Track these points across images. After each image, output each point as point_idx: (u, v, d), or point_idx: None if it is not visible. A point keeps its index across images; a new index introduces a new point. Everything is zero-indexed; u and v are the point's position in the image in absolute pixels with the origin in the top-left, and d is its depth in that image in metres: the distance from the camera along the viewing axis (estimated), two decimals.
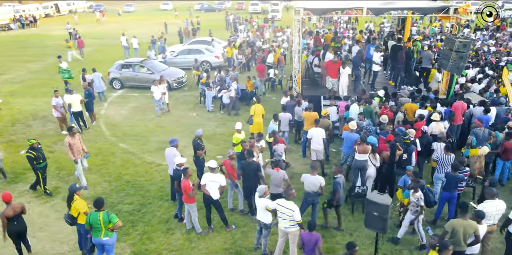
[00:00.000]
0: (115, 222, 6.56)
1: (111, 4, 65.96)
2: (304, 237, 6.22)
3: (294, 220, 6.69)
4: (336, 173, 8.04)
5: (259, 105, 12.44)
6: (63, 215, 7.37)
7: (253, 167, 8.21)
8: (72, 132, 9.66)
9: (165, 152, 8.98)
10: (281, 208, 6.72)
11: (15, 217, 7.22)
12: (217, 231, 8.32)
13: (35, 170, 9.63)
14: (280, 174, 8.01)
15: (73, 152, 9.61)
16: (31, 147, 9.44)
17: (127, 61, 19.33)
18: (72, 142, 9.59)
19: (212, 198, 7.90)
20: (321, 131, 9.69)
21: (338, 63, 13.03)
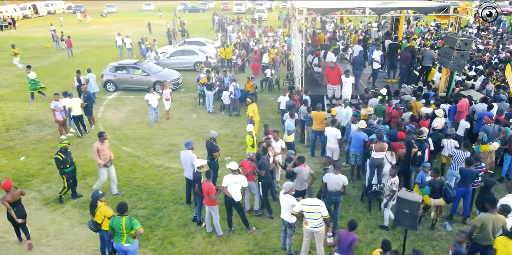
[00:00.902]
0: (137, 229, 6.43)
1: (91, 4, 64.75)
2: (341, 236, 6.24)
3: (322, 216, 6.71)
4: (326, 164, 8.27)
5: (254, 105, 12.61)
6: (87, 222, 7.16)
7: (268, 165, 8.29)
8: (102, 138, 9.31)
9: (181, 155, 8.85)
10: (308, 207, 6.73)
11: (14, 204, 7.67)
12: (238, 233, 8.26)
13: (61, 174, 9.30)
14: (307, 169, 8.08)
15: (101, 157, 9.29)
16: (61, 149, 9.15)
17: (121, 63, 18.98)
18: (101, 148, 9.24)
19: (234, 200, 7.84)
20: (336, 131, 9.73)
21: (337, 69, 12.84)
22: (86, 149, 12.36)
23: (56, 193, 9.88)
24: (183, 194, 9.71)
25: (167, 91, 14.56)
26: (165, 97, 14.53)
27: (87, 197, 9.66)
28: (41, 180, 10.56)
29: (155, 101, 13.95)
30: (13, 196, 7.64)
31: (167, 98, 14.54)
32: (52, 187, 10.21)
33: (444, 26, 29.97)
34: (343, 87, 12.58)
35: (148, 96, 13.88)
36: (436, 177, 7.74)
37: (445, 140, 9.61)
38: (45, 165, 11.39)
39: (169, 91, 14.62)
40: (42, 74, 21.71)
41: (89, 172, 10.89)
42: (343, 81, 12.54)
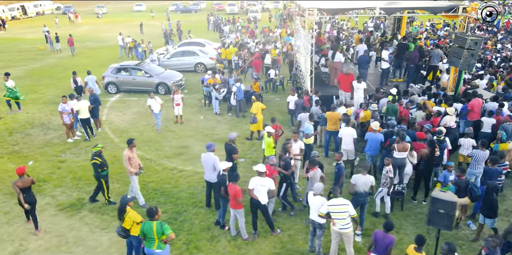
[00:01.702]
0: (168, 234, 6.29)
1: (80, 5, 63.90)
2: (377, 237, 6.20)
3: (350, 216, 6.68)
4: (338, 159, 8.33)
5: (259, 103, 12.63)
6: (116, 228, 6.97)
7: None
8: (132, 145, 8.93)
9: (202, 157, 8.71)
10: (335, 208, 6.69)
11: (24, 190, 8.05)
12: (262, 236, 8.17)
13: (98, 178, 9.10)
14: (319, 172, 8.09)
15: (132, 166, 8.89)
16: (96, 153, 9.00)
17: (122, 65, 18.69)
18: (131, 155, 8.86)
19: (260, 203, 7.75)
20: (352, 131, 9.72)
21: (351, 76, 12.69)
22: None
23: (70, 198, 9.68)
24: (201, 197, 9.59)
25: (178, 96, 13.95)
26: (176, 102, 13.95)
27: (103, 201, 9.50)
28: (53, 185, 10.32)
29: (157, 106, 13.29)
30: (23, 182, 8.02)
31: (177, 103, 13.96)
32: (66, 192, 9.98)
33: (439, 26, 30.36)
34: (355, 93, 12.38)
35: (150, 102, 13.22)
36: (462, 176, 7.77)
37: (462, 139, 9.69)
38: (55, 169, 11.14)
39: (180, 96, 14.02)
40: (38, 77, 21.37)
41: None
42: (355, 87, 12.37)
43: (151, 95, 13.24)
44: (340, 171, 8.32)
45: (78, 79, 16.21)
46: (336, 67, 14.31)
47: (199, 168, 11.04)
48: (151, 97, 13.21)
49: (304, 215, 8.79)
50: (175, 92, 14.03)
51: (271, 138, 9.72)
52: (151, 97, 13.20)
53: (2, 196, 9.81)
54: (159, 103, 13.24)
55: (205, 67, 21.44)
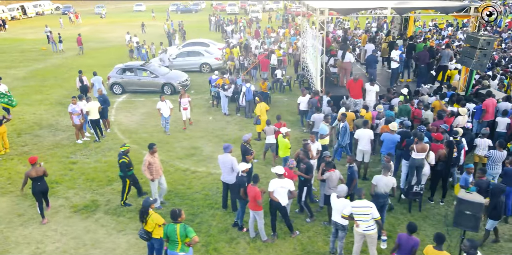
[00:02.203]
0: (192, 237, 6.21)
1: (79, 5, 63.68)
2: (401, 239, 6.15)
3: (373, 218, 6.63)
4: (351, 162, 8.31)
5: (262, 104, 12.60)
6: (138, 231, 6.89)
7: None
8: (152, 150, 8.63)
9: (219, 159, 8.63)
10: (358, 209, 6.64)
11: (38, 179, 8.43)
12: (281, 238, 8.10)
13: (125, 177, 9.06)
14: (336, 174, 8.02)
15: (152, 171, 8.66)
16: (124, 152, 9.01)
17: (127, 65, 18.60)
18: (152, 161, 8.61)
19: (280, 204, 7.68)
20: (369, 132, 9.66)
21: (360, 82, 12.52)
22: (105, 154, 12.05)
23: (84, 200, 9.60)
24: (216, 198, 9.53)
25: (185, 99, 13.46)
26: (183, 106, 13.49)
27: (117, 203, 9.43)
28: (65, 186, 10.22)
29: (167, 110, 12.87)
30: (36, 171, 8.42)
31: (185, 107, 13.50)
32: (79, 193, 9.89)
33: (442, 26, 30.38)
34: (367, 95, 12.27)
35: (160, 105, 12.83)
36: (483, 177, 7.73)
37: (478, 140, 9.65)
38: (67, 171, 11.04)
39: (187, 100, 13.51)
40: (42, 77, 21.25)
41: (114, 178, 10.57)
42: (368, 89, 12.28)
43: (162, 98, 12.89)
44: (353, 175, 8.27)
45: (84, 78, 16.10)
46: (346, 67, 14.27)
47: (212, 169, 11.01)
48: (161, 100, 12.83)
49: (321, 216, 8.75)
50: (182, 96, 13.55)
51: (287, 139, 9.66)
52: (162, 100, 12.82)
53: (15, 198, 9.71)
54: (169, 107, 12.89)
55: (211, 67, 21.40)
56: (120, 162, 8.90)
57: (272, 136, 11.04)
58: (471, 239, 5.61)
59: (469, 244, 5.46)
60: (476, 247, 5.46)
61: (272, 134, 11.06)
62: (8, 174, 10.87)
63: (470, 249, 5.44)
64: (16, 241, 8.18)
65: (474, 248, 5.44)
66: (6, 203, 9.49)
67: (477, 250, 5.51)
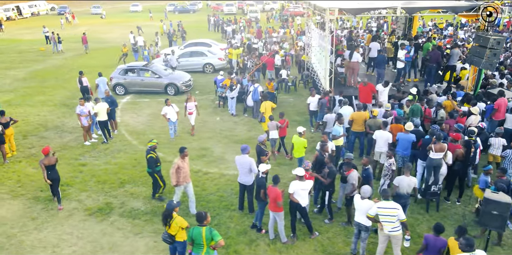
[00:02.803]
0: (218, 240, 6.13)
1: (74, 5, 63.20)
2: (429, 241, 6.12)
3: (399, 219, 6.60)
4: (366, 164, 8.28)
5: (268, 102, 12.59)
6: (162, 235, 6.78)
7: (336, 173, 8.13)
8: (183, 154, 8.38)
9: (236, 160, 8.55)
10: (383, 210, 6.60)
11: (50, 167, 8.94)
12: (301, 239, 8.04)
13: (153, 173, 9.13)
14: (355, 174, 7.98)
15: (179, 176, 8.37)
16: (152, 148, 9.08)
17: (130, 66, 18.46)
18: (182, 165, 8.32)
19: (300, 205, 7.62)
20: (388, 135, 9.56)
21: (370, 86, 12.38)
22: (115, 155, 11.92)
23: (97, 202, 9.47)
24: (232, 199, 9.45)
25: (191, 104, 12.92)
26: (189, 110, 12.97)
27: (132, 206, 9.32)
28: (77, 189, 10.08)
29: (174, 115, 12.43)
30: (49, 160, 8.90)
31: (190, 111, 12.98)
32: (92, 196, 9.75)
33: (441, 26, 30.52)
34: (380, 96, 12.13)
35: (166, 109, 12.31)
36: (503, 176, 7.73)
37: (493, 139, 9.66)
38: (77, 173, 10.90)
39: (194, 104, 12.98)
40: (43, 78, 21.01)
41: (126, 180, 10.47)
42: (380, 90, 12.18)
43: (168, 102, 12.42)
44: (369, 177, 8.24)
45: (84, 79, 15.95)
46: (353, 67, 14.26)
47: (224, 170, 10.93)
48: (167, 105, 12.32)
49: (339, 217, 8.70)
50: (189, 100, 12.99)
51: (303, 138, 9.61)
52: (168, 105, 12.33)
53: (27, 201, 9.56)
54: (175, 111, 12.46)
55: (214, 67, 21.31)
56: (148, 158, 8.97)
57: (274, 131, 11.28)
58: (467, 237, 5.61)
59: (465, 242, 5.45)
60: (472, 245, 5.44)
61: (274, 129, 11.28)
62: (18, 177, 10.71)
63: (466, 247, 5.44)
64: (31, 245, 8.04)
65: (470, 246, 5.43)
66: (18, 207, 9.34)
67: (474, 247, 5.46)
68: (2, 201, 9.58)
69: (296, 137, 9.77)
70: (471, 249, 5.43)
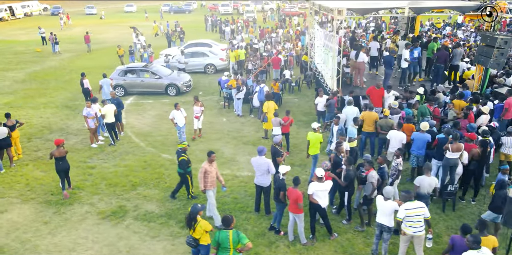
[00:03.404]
0: (245, 243, 6.07)
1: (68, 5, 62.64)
2: (455, 241, 6.11)
3: (424, 218, 6.62)
4: (382, 163, 8.29)
5: (271, 102, 12.64)
6: (186, 238, 6.67)
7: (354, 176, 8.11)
8: (210, 158, 8.18)
9: (253, 162, 8.48)
10: (412, 211, 6.58)
11: (61, 158, 9.56)
12: (320, 240, 8.01)
13: (184, 174, 9.20)
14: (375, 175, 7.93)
15: (207, 181, 8.17)
16: (182, 150, 9.18)
17: (129, 67, 18.26)
18: (209, 169, 8.12)
19: (320, 206, 7.59)
20: (402, 135, 9.55)
21: (382, 90, 12.21)
22: (123, 158, 11.78)
23: (110, 205, 9.35)
24: (246, 201, 9.39)
25: (198, 108, 12.52)
26: (195, 114, 12.57)
27: (146, 208, 9.22)
28: (88, 192, 9.94)
29: (182, 119, 11.95)
30: (59, 152, 9.54)
31: (196, 115, 12.58)
32: (104, 199, 9.62)
33: (439, 25, 30.73)
34: (386, 102, 12.07)
35: (175, 114, 11.80)
36: None
37: (505, 138, 9.72)
38: (86, 176, 10.75)
39: (200, 109, 12.57)
40: (43, 80, 20.75)
41: (137, 182, 10.35)
42: (385, 96, 12.11)
43: (178, 106, 11.88)
44: (384, 176, 8.27)
45: (85, 81, 15.77)
46: (359, 67, 14.26)
47: (236, 172, 10.86)
48: (177, 109, 11.83)
49: (356, 218, 8.67)
50: (195, 103, 12.59)
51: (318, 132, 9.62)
52: (177, 109, 11.83)
53: (38, 205, 9.40)
54: (183, 116, 12.00)
55: (215, 68, 21.21)
56: (180, 160, 9.05)
57: (277, 127, 11.48)
58: (474, 234, 5.67)
59: (472, 239, 5.51)
60: (479, 242, 5.51)
61: (277, 125, 11.47)
62: (26, 181, 10.53)
63: (473, 244, 5.51)
64: (46, 249, 7.91)
65: (478, 243, 5.50)
66: (30, 211, 9.19)
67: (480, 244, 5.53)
68: (13, 206, 9.42)
69: (311, 133, 9.77)
70: (478, 246, 5.50)
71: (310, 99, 17.07)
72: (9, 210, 9.23)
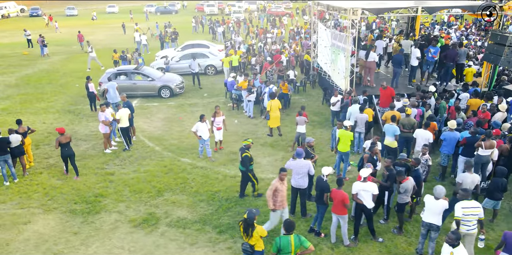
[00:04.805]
0: (308, 246, 5.99)
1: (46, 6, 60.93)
2: (507, 237, 6.19)
3: (479, 218, 6.68)
4: (415, 165, 8.30)
5: (274, 101, 12.72)
6: (242, 245, 6.50)
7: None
8: (281, 175, 7.45)
9: (292, 164, 8.33)
10: (468, 210, 6.64)
11: (65, 145, 10.27)
12: (363, 241, 7.98)
13: (246, 172, 9.20)
14: (411, 182, 7.82)
15: (276, 200, 7.47)
16: (247, 147, 9.21)
17: (120, 69, 17.75)
18: (280, 188, 7.37)
19: (366, 208, 7.56)
20: (428, 135, 9.64)
21: (389, 90, 12.24)
22: (141, 163, 11.48)
23: (139, 213, 9.07)
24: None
25: (220, 118, 11.62)
26: (217, 125, 11.62)
27: (178, 215, 8.99)
28: (113, 199, 9.62)
29: (206, 132, 11.12)
30: (65, 138, 10.26)
31: (218, 127, 11.67)
32: (131, 206, 9.32)
33: (427, 24, 31.36)
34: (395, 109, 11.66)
35: (199, 126, 10.95)
36: None
37: None
38: (107, 183, 10.41)
39: (222, 118, 11.73)
40: (37, 84, 20.04)
41: (162, 188, 10.08)
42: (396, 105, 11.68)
43: (204, 118, 10.99)
44: (420, 178, 8.23)
45: (90, 85, 15.38)
46: (370, 66, 14.37)
47: (261, 174, 10.71)
48: (202, 121, 10.95)
49: (392, 217, 8.68)
50: (217, 114, 11.58)
51: (349, 130, 9.64)
52: (203, 121, 10.96)
53: (62, 215, 9.03)
54: (208, 128, 11.22)
55: (216, 69, 20.99)
56: (243, 156, 9.01)
57: (302, 126, 11.55)
58: (455, 231, 5.80)
59: (455, 236, 5.62)
60: (459, 239, 5.66)
61: (303, 124, 11.54)
62: (44, 190, 10.11)
63: (455, 242, 5.62)
64: None
65: (458, 239, 5.65)
66: (55, 221, 8.81)
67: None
68: (35, 216, 9.02)
69: (342, 131, 9.80)
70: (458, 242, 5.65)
71: (316, 99, 17.11)
72: (32, 221, 8.83)
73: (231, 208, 9.20)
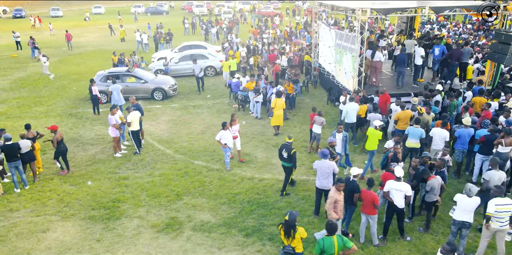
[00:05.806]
0: (351, 247, 5.99)
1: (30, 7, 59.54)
2: None
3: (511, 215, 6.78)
4: (440, 167, 8.37)
5: (280, 99, 12.83)
6: (284, 248, 6.43)
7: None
8: (338, 185, 7.26)
9: (317, 165, 8.33)
10: (501, 207, 6.72)
11: (61, 142, 10.69)
12: (392, 240, 8.00)
13: (291, 168, 9.39)
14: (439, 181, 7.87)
15: (337, 210, 7.31)
16: (290, 144, 9.38)
17: (111, 71, 17.36)
18: (339, 198, 7.24)
19: (398, 207, 7.57)
20: (446, 133, 9.73)
21: (385, 95, 12.22)
22: (155, 167, 11.29)
23: (161, 217, 8.92)
24: (302, 205, 9.26)
25: (236, 126, 11.11)
26: (233, 134, 10.93)
27: (201, 219, 8.87)
28: (132, 204, 9.43)
29: (231, 140, 10.70)
30: (60, 135, 10.70)
31: (234, 135, 11.01)
32: (151, 211, 9.15)
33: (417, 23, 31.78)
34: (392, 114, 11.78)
35: (223, 134, 10.43)
36: None
37: None
38: (123, 188, 10.20)
39: (238, 126, 11.29)
40: (32, 87, 19.54)
41: (181, 192, 9.92)
42: (393, 109, 11.75)
43: (227, 126, 10.45)
44: (445, 179, 8.30)
45: (94, 88, 15.14)
46: (376, 66, 14.46)
47: (278, 175, 10.66)
48: (225, 129, 10.42)
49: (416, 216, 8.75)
50: (233, 123, 11.05)
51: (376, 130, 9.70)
52: (226, 129, 10.42)
53: (82, 222, 8.80)
54: (232, 136, 10.75)
55: (216, 70, 20.85)
56: (292, 153, 9.14)
57: (319, 126, 11.51)
58: (450, 242, 5.66)
59: (450, 247, 5.48)
60: (454, 250, 5.53)
61: (320, 124, 11.48)
62: (58, 196, 9.84)
63: (449, 253, 5.49)
64: None
65: (453, 251, 5.51)
66: (75, 229, 8.58)
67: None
68: (53, 224, 8.77)
69: (372, 129, 9.85)
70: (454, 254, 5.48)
71: (320, 99, 17.15)
72: (51, 229, 8.58)
73: (254, 210, 9.11)
